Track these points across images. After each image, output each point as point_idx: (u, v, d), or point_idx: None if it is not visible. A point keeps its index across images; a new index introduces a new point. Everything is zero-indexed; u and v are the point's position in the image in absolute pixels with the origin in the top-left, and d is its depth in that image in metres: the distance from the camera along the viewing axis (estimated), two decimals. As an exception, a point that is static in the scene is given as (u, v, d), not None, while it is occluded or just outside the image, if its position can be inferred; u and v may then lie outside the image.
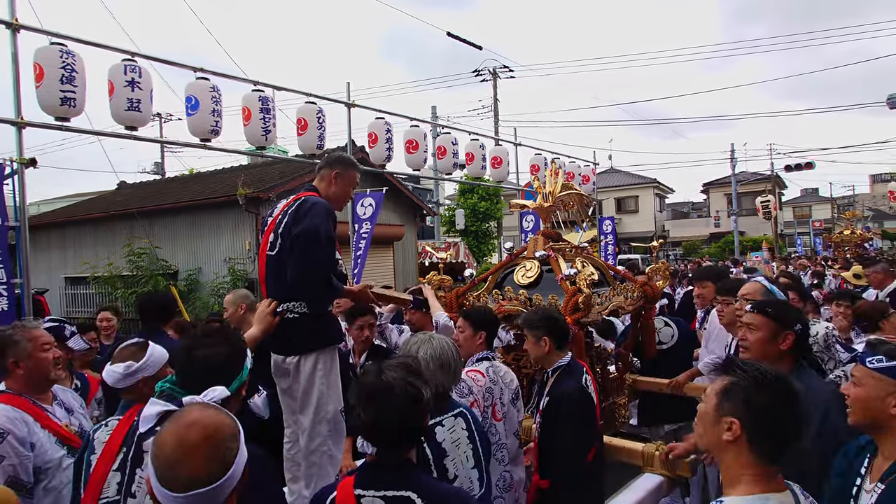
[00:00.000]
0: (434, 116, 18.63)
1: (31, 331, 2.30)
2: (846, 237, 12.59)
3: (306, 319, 2.54)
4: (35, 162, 4.01)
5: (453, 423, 2.05)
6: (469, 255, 18.08)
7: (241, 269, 11.28)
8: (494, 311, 3.19)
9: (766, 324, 2.20)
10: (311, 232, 2.43)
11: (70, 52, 4.13)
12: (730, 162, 26.91)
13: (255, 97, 5.47)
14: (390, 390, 1.49)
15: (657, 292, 3.97)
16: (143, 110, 4.60)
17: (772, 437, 1.37)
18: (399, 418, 1.49)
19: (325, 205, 2.57)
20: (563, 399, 2.69)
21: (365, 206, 7.04)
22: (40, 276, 13.41)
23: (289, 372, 2.59)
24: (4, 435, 2.05)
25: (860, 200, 42.78)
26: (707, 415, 1.46)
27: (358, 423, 1.52)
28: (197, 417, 1.22)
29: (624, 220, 34.21)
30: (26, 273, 4.00)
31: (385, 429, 1.50)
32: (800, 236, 32.41)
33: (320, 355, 2.58)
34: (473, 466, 2.05)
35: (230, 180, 12.75)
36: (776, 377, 1.41)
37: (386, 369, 1.54)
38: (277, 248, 2.55)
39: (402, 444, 1.55)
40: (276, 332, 2.54)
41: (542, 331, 2.77)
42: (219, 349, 1.67)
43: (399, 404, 1.48)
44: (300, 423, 2.60)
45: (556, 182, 3.82)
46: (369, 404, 1.50)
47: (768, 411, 1.36)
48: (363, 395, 1.51)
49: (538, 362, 2.90)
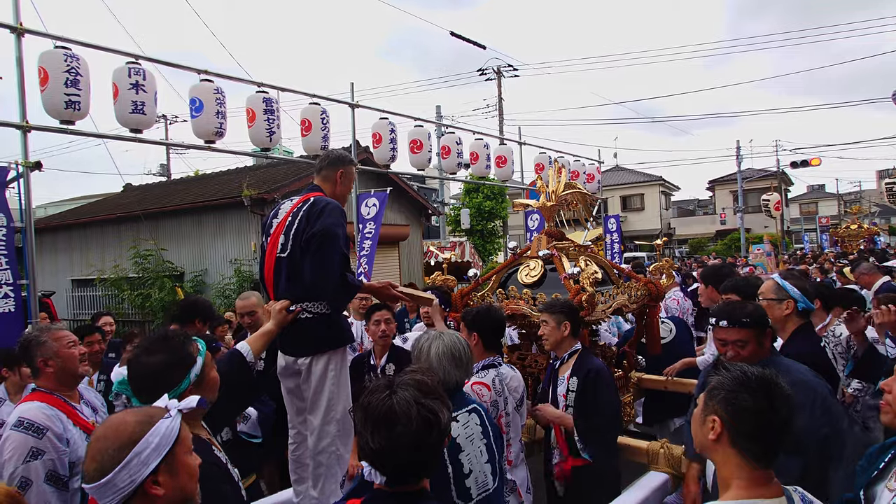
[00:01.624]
0: (438, 116, 18.62)
1: (55, 331, 2.40)
2: (852, 231, 12.51)
3: (320, 320, 2.55)
4: (40, 165, 4.05)
5: (467, 419, 2.07)
6: (475, 254, 18.06)
7: (246, 270, 11.31)
8: (499, 310, 3.11)
9: (748, 335, 2.21)
10: (330, 232, 2.45)
11: (74, 55, 4.16)
12: (735, 159, 26.78)
13: (259, 98, 5.49)
14: (401, 415, 1.32)
15: (661, 290, 3.95)
16: (147, 113, 4.62)
17: (755, 438, 1.36)
18: (411, 446, 1.31)
19: (338, 205, 2.61)
20: (599, 372, 2.90)
21: (369, 206, 7.05)
22: (47, 279, 13.51)
23: (299, 373, 2.60)
24: (44, 431, 2.14)
25: (867, 196, 42.42)
26: (696, 416, 1.48)
27: (367, 449, 1.34)
28: (117, 415, 1.26)
29: (630, 218, 34.09)
30: (32, 275, 4.04)
31: (394, 457, 1.32)
32: (806, 233, 32.21)
33: (332, 356, 2.58)
34: (487, 461, 2.08)
35: (235, 182, 12.80)
36: (759, 377, 1.40)
37: (398, 388, 1.37)
38: (289, 250, 2.54)
39: (415, 474, 1.38)
40: (289, 333, 2.55)
41: (564, 316, 2.94)
42: (157, 357, 1.67)
43: (411, 431, 1.31)
44: (309, 423, 2.59)
45: (559, 181, 3.81)
46: (377, 430, 1.32)
47: (749, 411, 1.35)
48: (370, 419, 1.34)
49: (554, 346, 3.02)
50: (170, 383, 1.63)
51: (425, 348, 2.13)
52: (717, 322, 2.27)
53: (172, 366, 1.67)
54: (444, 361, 2.08)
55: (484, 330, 2.78)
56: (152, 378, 1.64)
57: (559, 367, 3.05)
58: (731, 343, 2.22)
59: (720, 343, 2.27)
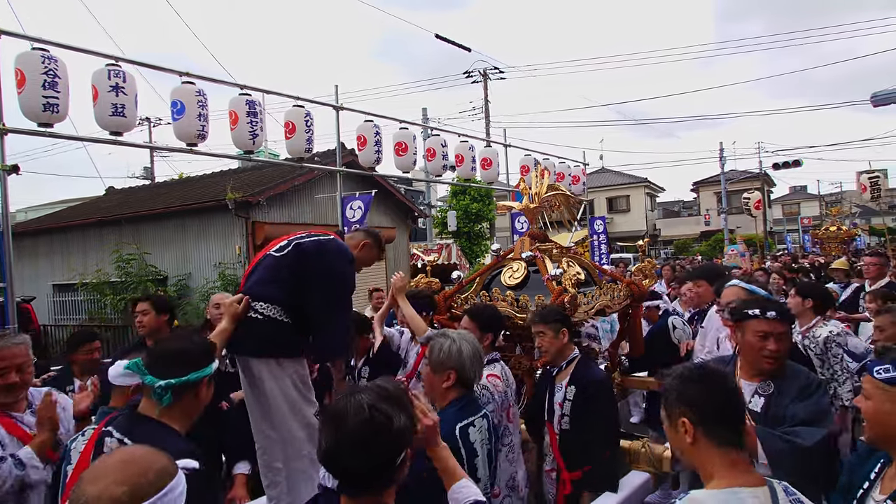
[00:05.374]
0: (425, 118, 18.63)
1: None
2: (831, 233, 12.70)
3: (269, 323, 2.46)
4: (17, 168, 3.99)
5: (481, 424, 2.12)
6: (462, 256, 18.06)
7: (231, 274, 11.21)
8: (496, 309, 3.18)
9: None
10: (343, 276, 2.51)
11: (52, 57, 4.10)
12: (719, 161, 27.11)
13: (241, 101, 5.45)
14: (349, 415, 1.29)
15: (644, 291, 3.99)
16: (128, 115, 4.57)
17: (721, 421, 1.42)
18: (356, 447, 1.27)
19: (352, 257, 2.63)
20: (600, 382, 2.90)
21: (354, 208, 7.04)
22: (28, 284, 13.27)
23: (244, 373, 2.53)
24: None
25: (847, 197, 43.12)
26: (668, 429, 1.52)
27: (319, 450, 1.32)
28: (128, 449, 1.24)
29: (616, 220, 34.34)
30: (10, 280, 3.97)
31: (340, 458, 1.29)
32: (789, 234, 32.67)
33: (278, 363, 2.47)
34: (487, 466, 2.12)
35: (219, 184, 12.68)
36: (696, 368, 1.52)
37: (360, 391, 1.37)
38: (283, 253, 2.51)
39: (366, 482, 1.31)
40: (236, 329, 2.45)
41: (560, 323, 2.91)
42: (187, 341, 1.89)
43: (355, 431, 1.27)
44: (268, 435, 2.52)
45: (541, 183, 3.84)
46: (326, 428, 1.30)
47: (705, 399, 1.43)
48: (324, 416, 1.34)
49: (554, 356, 2.96)
50: (195, 364, 1.79)
51: (455, 350, 2.13)
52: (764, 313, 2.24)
53: (200, 351, 1.86)
54: (475, 362, 2.15)
55: (497, 331, 2.95)
56: (180, 354, 1.79)
57: (556, 375, 2.99)
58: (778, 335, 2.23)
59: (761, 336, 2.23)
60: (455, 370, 2.12)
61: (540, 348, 2.98)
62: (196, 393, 1.82)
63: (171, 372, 1.74)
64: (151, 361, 1.79)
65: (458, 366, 2.11)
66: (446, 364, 2.12)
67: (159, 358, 1.80)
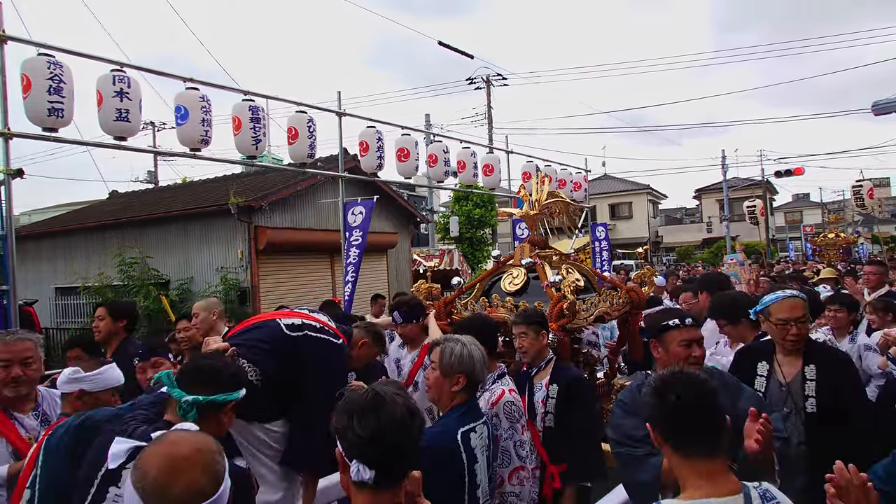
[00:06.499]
0: (428, 124, 18.71)
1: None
2: (830, 241, 12.71)
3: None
4: (22, 172, 4.02)
5: (482, 430, 2.16)
6: (464, 262, 18.08)
7: (233, 278, 11.24)
8: (487, 318, 3.14)
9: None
10: (340, 371, 2.65)
11: (58, 62, 4.14)
12: (721, 168, 27.13)
13: (245, 107, 5.49)
14: (388, 400, 1.38)
15: (643, 298, 3.99)
16: (132, 120, 4.60)
17: (685, 433, 1.42)
18: (399, 430, 1.34)
19: (347, 354, 2.76)
20: (578, 379, 3.01)
21: (355, 214, 7.06)
22: (31, 287, 13.32)
23: None
24: None
25: (849, 205, 43.09)
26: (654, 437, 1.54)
27: (354, 441, 1.34)
28: (182, 436, 1.22)
29: (618, 226, 34.35)
30: (13, 282, 3.99)
31: (383, 442, 1.33)
32: (791, 241, 32.61)
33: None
34: (486, 471, 2.15)
35: (222, 189, 12.74)
36: (659, 378, 1.53)
37: (376, 386, 1.44)
38: (294, 335, 2.57)
39: (400, 468, 1.37)
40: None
41: (540, 325, 3.00)
42: (219, 363, 1.93)
43: (399, 414, 1.36)
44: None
45: (542, 190, 3.86)
46: (364, 417, 1.34)
47: (661, 409, 1.46)
48: (357, 408, 1.37)
49: (535, 356, 3.04)
50: (224, 386, 1.79)
51: (466, 354, 2.18)
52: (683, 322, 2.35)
53: (231, 374, 1.88)
54: (483, 367, 2.22)
55: (492, 341, 2.89)
56: (212, 373, 1.81)
57: (535, 375, 3.07)
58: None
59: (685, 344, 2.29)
60: (465, 374, 2.17)
61: (520, 349, 3.05)
62: (219, 417, 1.79)
63: (200, 389, 1.74)
64: (182, 375, 1.82)
65: (468, 370, 2.16)
66: (457, 368, 2.16)
67: (190, 373, 1.82)
